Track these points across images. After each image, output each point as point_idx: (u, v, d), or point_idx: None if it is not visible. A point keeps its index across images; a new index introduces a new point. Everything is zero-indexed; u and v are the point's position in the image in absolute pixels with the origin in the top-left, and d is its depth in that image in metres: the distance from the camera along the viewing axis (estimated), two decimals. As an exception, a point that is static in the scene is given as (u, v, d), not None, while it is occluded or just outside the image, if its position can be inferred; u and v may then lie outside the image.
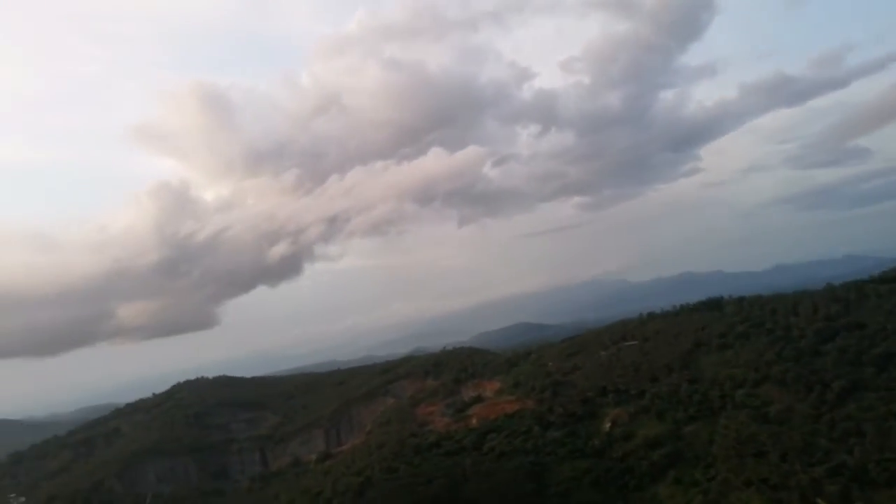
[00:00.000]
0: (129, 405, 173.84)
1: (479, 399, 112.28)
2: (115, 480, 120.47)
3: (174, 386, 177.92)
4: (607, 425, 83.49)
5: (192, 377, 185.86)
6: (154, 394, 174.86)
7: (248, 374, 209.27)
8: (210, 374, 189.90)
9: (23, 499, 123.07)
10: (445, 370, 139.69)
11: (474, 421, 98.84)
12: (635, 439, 76.92)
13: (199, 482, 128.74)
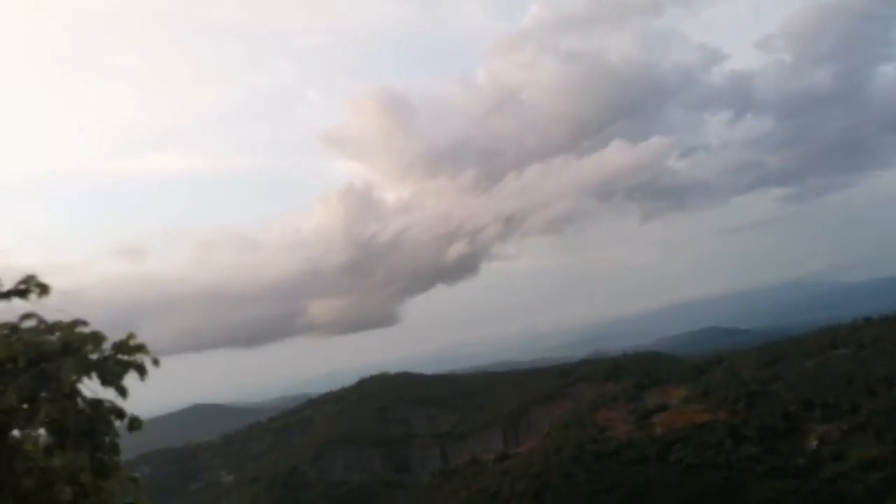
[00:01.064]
0: (320, 396, 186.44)
1: (663, 407, 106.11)
2: (308, 466, 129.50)
3: (360, 380, 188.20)
4: (814, 443, 74.84)
5: (376, 372, 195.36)
6: (342, 387, 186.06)
7: (427, 371, 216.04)
8: (392, 371, 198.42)
9: (231, 476, 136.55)
10: (627, 375, 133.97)
11: (659, 430, 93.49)
12: (848, 460, 68.27)
13: (383, 473, 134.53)
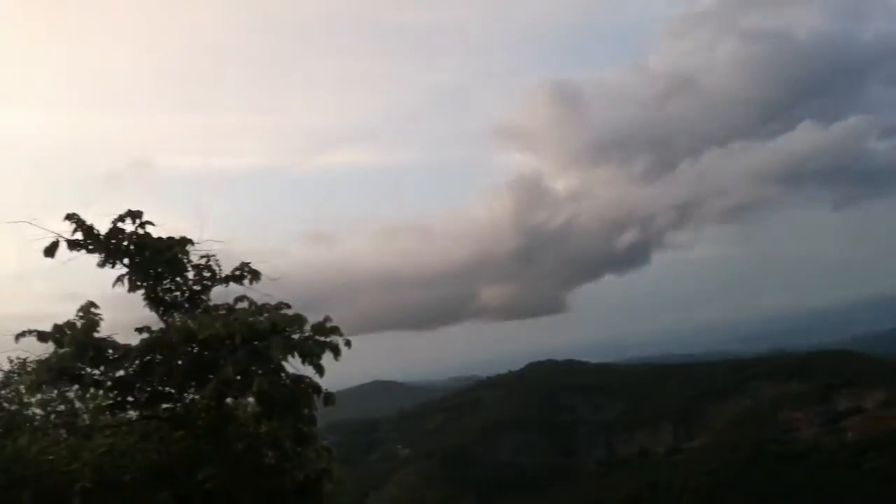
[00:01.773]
0: (489, 378, 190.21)
1: (857, 410, 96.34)
2: (477, 446, 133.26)
3: (528, 365, 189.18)
4: None
5: (544, 358, 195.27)
6: (510, 370, 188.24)
7: (594, 359, 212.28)
8: (559, 357, 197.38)
9: (407, 450, 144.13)
10: (814, 373, 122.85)
11: (850, 434, 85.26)
12: None
13: (549, 458, 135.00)
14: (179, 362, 9.18)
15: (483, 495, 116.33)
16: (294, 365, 9.11)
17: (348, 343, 9.43)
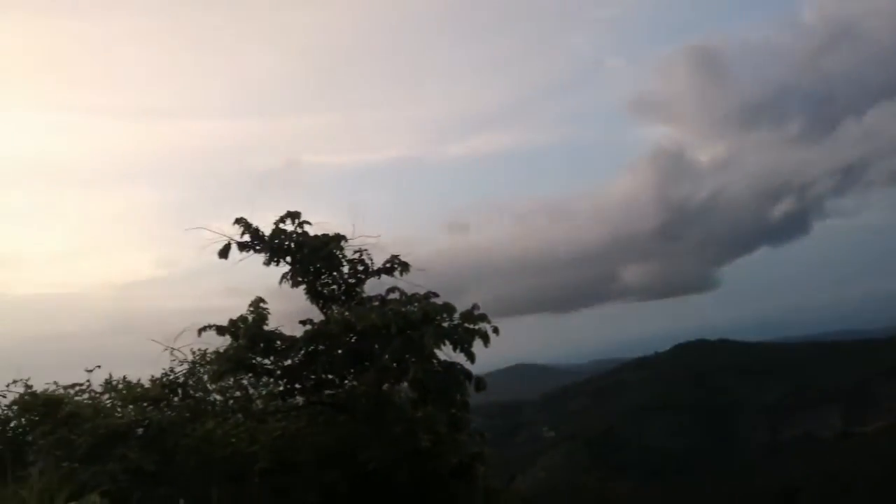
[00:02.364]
0: (634, 360, 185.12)
1: None
2: (624, 429, 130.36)
3: (675, 346, 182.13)
4: None
5: (692, 339, 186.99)
6: (656, 352, 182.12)
7: (750, 338, 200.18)
8: (710, 337, 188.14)
9: (552, 433, 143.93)
10: None
11: None
12: None
13: (703, 443, 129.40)
14: (340, 351, 9.79)
15: (635, 479, 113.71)
16: (446, 352, 9.43)
17: (496, 330, 9.59)
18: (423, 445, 9.89)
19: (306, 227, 9.83)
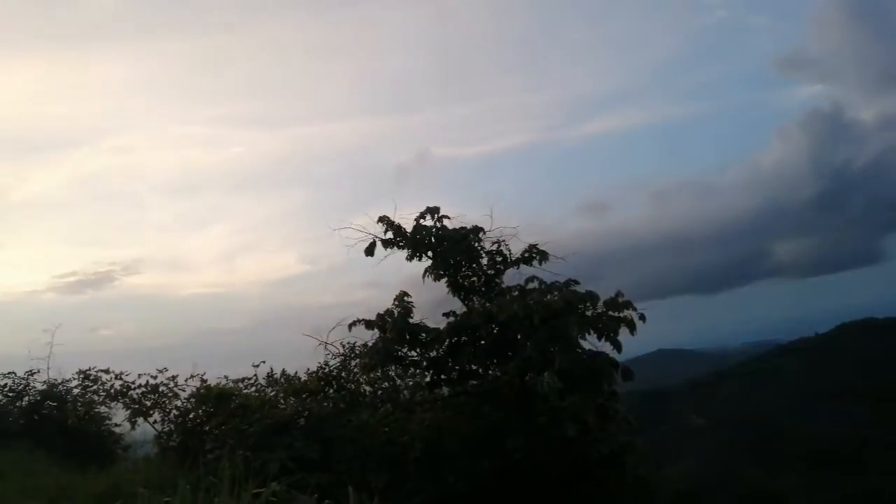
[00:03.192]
0: (790, 343, 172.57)
1: None
2: (783, 416, 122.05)
3: (839, 326, 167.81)
4: None
5: (858, 318, 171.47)
6: (817, 333, 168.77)
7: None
8: (879, 315, 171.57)
9: (701, 420, 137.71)
10: None
11: None
12: None
13: (874, 433, 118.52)
14: (482, 342, 9.91)
15: (795, 471, 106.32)
16: (591, 342, 9.27)
17: (642, 317, 9.30)
18: (570, 434, 9.81)
19: (445, 222, 10.01)
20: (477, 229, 9.93)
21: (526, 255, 10.06)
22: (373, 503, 8.22)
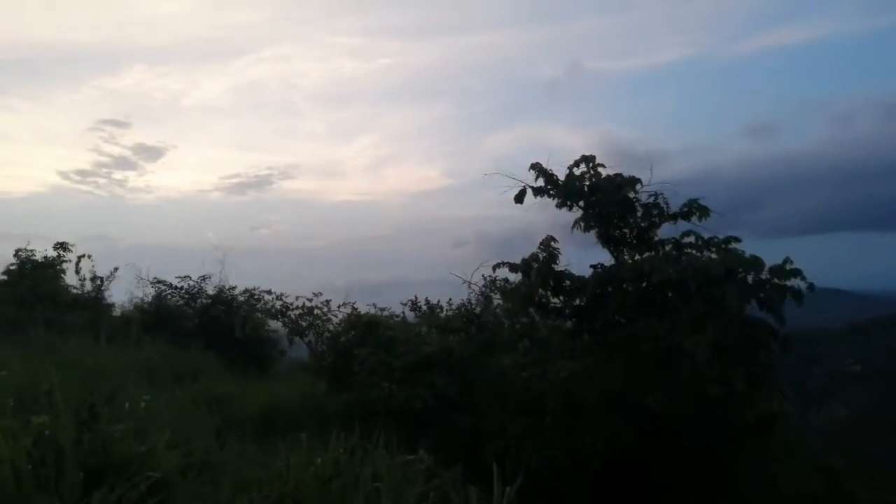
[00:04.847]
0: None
1: None
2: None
3: None
4: None
5: None
6: None
7: None
8: None
9: (858, 367, 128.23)
10: None
11: None
12: None
13: None
14: (630, 295, 9.57)
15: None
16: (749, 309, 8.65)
17: (811, 287, 8.54)
18: (714, 396, 9.42)
19: (600, 170, 9.56)
20: (633, 180, 9.40)
21: (685, 209, 9.42)
22: (508, 451, 8.45)
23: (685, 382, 8.86)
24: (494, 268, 10.64)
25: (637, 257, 9.71)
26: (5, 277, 17.18)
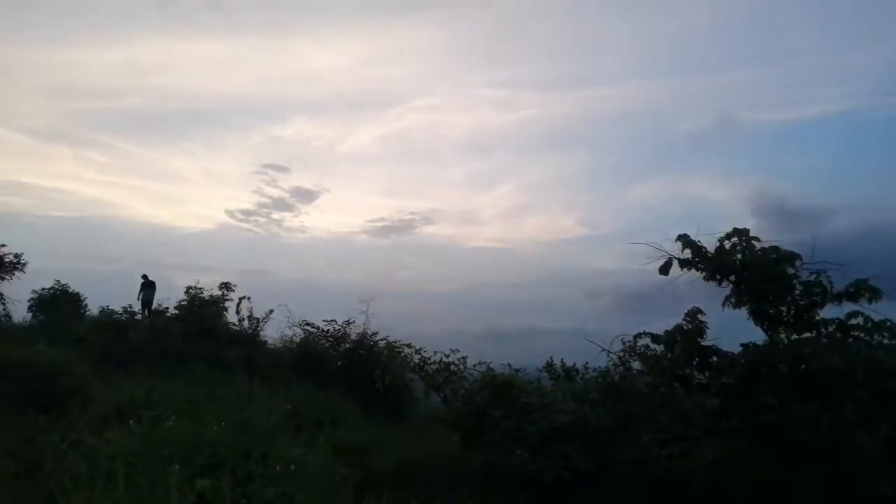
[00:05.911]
0: None
1: None
2: None
3: None
4: None
5: None
6: None
7: None
8: None
9: None
10: None
11: None
12: None
13: None
14: (785, 377, 8.89)
15: None
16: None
17: None
18: (886, 494, 8.51)
19: (753, 244, 9.08)
20: (792, 256, 8.81)
21: (851, 289, 8.67)
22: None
23: (854, 479, 8.09)
24: (636, 338, 10.34)
25: (794, 337, 9.06)
26: (177, 312, 19.02)
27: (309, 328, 17.80)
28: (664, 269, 9.30)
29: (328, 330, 17.77)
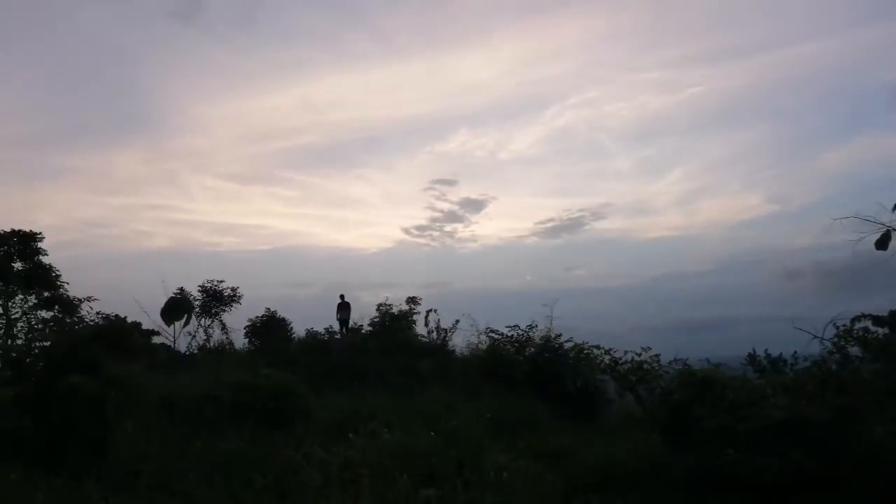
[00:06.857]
0: None
1: None
2: None
3: None
4: None
5: None
6: None
7: None
8: None
9: None
10: None
11: None
12: None
13: None
14: None
15: None
16: None
17: None
18: None
19: None
20: None
21: None
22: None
23: None
24: (853, 321, 9.41)
25: None
26: (370, 328, 20.29)
27: (494, 335, 18.13)
28: (882, 244, 8.35)
29: (512, 335, 17.98)
